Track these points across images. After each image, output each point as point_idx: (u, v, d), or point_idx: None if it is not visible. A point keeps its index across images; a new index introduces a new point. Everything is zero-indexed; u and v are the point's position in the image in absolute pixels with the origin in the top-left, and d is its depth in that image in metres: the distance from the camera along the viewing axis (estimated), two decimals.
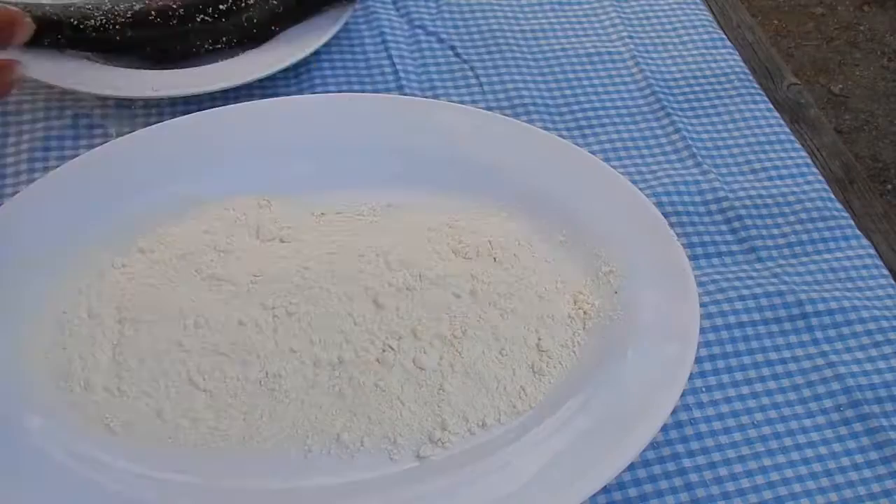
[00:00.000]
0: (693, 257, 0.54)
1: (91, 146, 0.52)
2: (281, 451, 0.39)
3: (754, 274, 0.53)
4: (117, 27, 0.56)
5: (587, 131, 0.61)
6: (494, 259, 0.46)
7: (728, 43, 0.69)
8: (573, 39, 0.67)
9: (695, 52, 0.68)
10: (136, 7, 0.56)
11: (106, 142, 0.49)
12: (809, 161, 0.61)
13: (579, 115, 0.62)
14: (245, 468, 0.39)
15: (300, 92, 0.59)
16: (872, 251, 0.56)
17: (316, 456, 0.39)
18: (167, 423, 0.40)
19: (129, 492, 0.37)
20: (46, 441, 0.38)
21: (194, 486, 0.38)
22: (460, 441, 0.40)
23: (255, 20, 0.58)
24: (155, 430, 0.39)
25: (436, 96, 0.61)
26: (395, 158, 0.50)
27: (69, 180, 0.47)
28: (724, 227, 0.56)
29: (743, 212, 0.56)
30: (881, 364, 0.49)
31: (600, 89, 0.64)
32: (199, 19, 0.57)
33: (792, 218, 0.57)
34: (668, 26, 0.70)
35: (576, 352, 0.44)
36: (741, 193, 0.58)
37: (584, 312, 0.45)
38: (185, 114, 0.50)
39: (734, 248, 0.55)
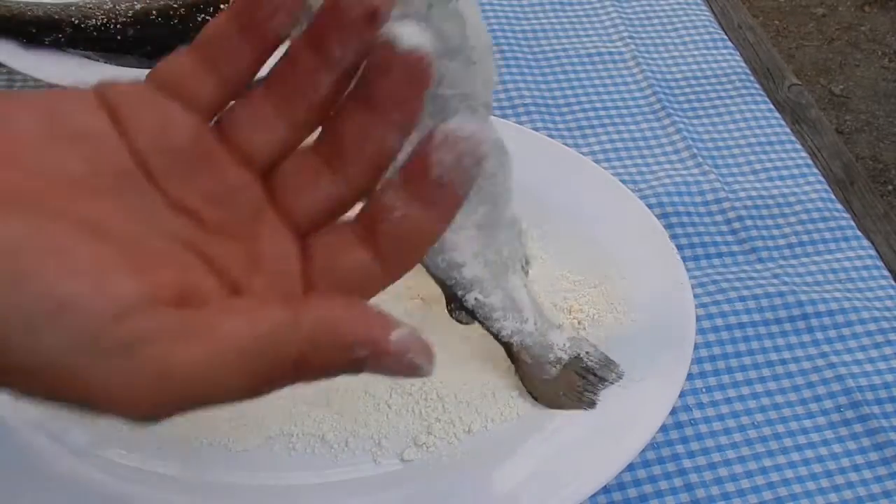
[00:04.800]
0: (693, 257, 0.54)
1: None
2: (265, 448, 0.39)
3: (754, 274, 0.53)
4: (118, 26, 0.56)
5: (587, 131, 0.61)
6: None
7: (729, 43, 0.69)
8: (573, 39, 0.67)
9: (695, 52, 0.68)
10: (137, 6, 0.56)
11: None
12: (810, 161, 0.61)
13: (579, 115, 0.62)
14: (229, 463, 0.39)
15: None
16: (873, 252, 0.56)
17: (300, 454, 0.39)
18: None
19: (115, 484, 0.37)
20: (34, 432, 0.38)
21: (177, 479, 0.38)
22: (445, 446, 0.40)
23: None
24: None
25: None
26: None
27: None
28: (724, 228, 0.56)
29: (743, 212, 0.56)
30: (881, 364, 0.49)
31: (601, 89, 0.64)
32: (199, 19, 0.57)
33: (792, 218, 0.57)
34: (668, 26, 0.70)
35: None
36: (741, 194, 0.58)
37: (578, 322, 0.45)
38: None
39: (734, 248, 0.55)
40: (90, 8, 0.56)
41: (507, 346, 0.41)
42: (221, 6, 0.57)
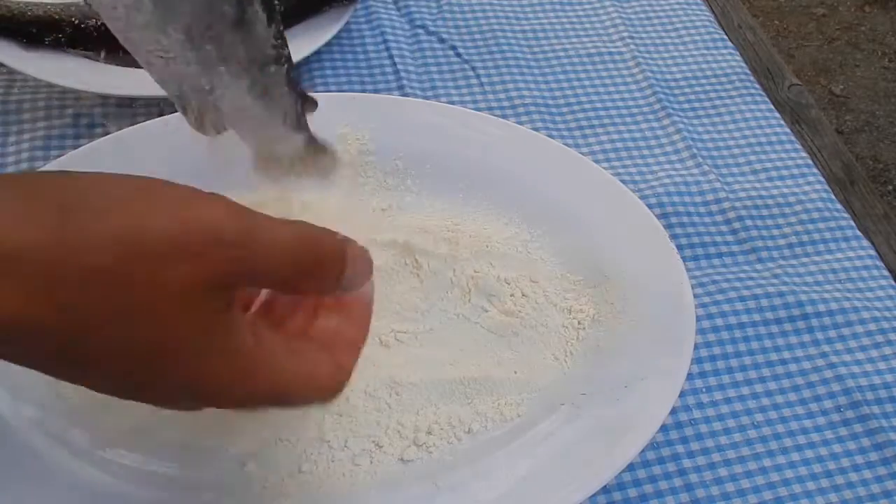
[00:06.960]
0: (693, 257, 0.54)
1: None
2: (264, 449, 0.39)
3: (754, 274, 0.53)
4: None
5: (587, 131, 0.61)
6: (491, 265, 0.46)
7: (729, 43, 0.69)
8: (573, 39, 0.67)
9: (696, 52, 0.68)
10: None
11: None
12: (810, 161, 0.61)
13: (579, 115, 0.62)
14: (222, 456, 0.39)
15: None
16: (873, 252, 0.56)
17: (299, 455, 0.39)
18: (153, 420, 0.39)
19: (115, 484, 0.37)
20: (34, 432, 0.38)
21: (177, 479, 0.38)
22: (445, 446, 0.40)
23: None
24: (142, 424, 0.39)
25: (436, 96, 0.61)
26: (395, 160, 0.50)
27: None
28: (724, 228, 0.56)
29: (743, 212, 0.56)
30: (881, 364, 0.49)
31: (601, 89, 0.64)
32: None
33: (792, 218, 0.57)
34: (668, 26, 0.70)
35: (567, 361, 0.44)
36: (741, 194, 0.58)
37: (578, 322, 0.45)
38: None
39: (734, 248, 0.55)
40: (90, 8, 0.56)
41: None
42: None
